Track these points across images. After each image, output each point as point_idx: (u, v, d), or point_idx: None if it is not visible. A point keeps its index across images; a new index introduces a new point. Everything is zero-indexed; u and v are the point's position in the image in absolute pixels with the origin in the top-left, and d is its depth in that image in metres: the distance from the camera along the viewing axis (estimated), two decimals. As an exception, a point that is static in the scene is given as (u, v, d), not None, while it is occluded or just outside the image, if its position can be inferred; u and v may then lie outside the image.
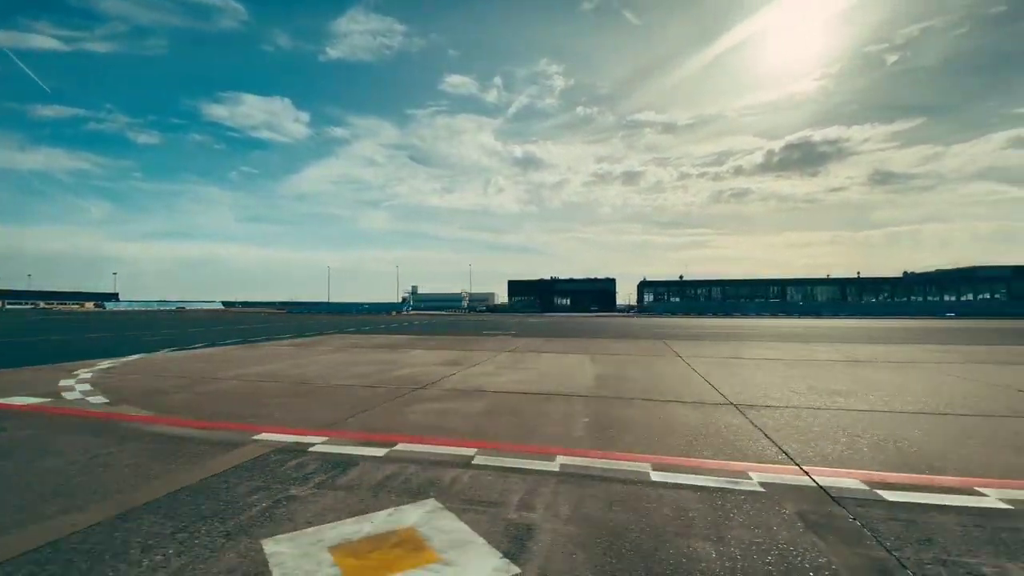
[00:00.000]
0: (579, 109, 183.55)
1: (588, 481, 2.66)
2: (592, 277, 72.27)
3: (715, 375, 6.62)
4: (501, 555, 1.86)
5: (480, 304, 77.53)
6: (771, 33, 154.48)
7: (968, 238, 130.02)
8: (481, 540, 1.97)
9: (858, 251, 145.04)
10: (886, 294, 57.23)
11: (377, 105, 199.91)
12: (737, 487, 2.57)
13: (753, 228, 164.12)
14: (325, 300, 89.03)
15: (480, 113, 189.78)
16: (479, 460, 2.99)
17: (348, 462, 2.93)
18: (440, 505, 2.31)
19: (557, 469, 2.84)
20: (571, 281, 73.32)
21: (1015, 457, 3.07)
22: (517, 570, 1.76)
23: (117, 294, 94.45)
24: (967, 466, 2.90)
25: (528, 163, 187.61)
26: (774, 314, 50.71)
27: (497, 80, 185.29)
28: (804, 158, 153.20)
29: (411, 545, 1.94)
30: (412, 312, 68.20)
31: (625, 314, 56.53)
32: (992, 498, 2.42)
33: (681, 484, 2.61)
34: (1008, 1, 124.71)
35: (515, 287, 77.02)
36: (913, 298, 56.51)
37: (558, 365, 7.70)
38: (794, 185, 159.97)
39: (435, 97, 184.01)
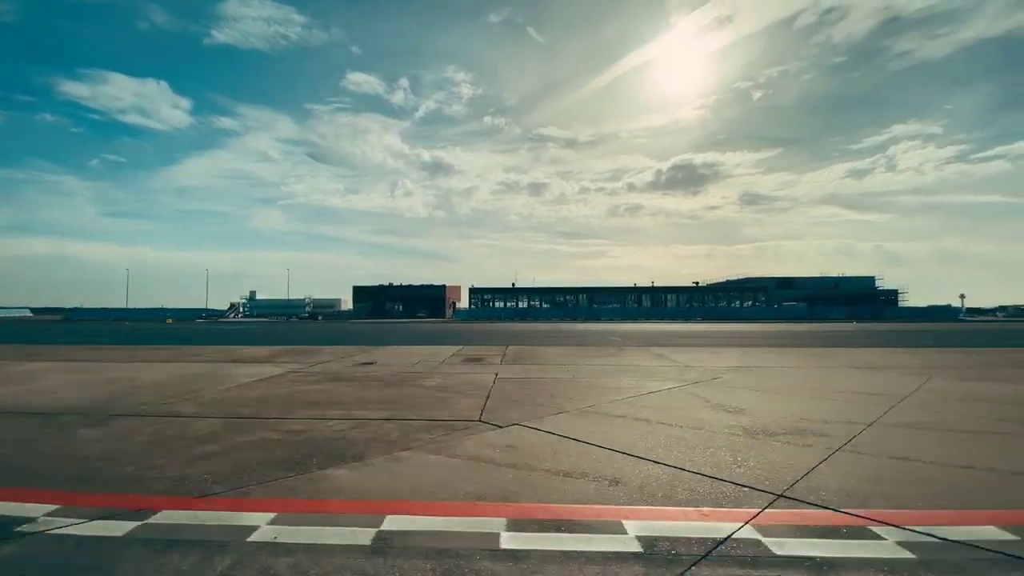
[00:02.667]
0: (487, 118, 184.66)
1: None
2: (426, 284, 71.92)
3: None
4: None
5: (321, 311, 71.25)
6: (660, 63, 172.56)
7: (817, 253, 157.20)
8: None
9: (731, 263, 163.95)
10: (675, 302, 66.27)
11: (272, 97, 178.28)
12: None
13: (645, 240, 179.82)
14: (123, 306, 75.24)
15: (386, 114, 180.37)
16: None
17: None
18: None
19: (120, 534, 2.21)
20: (406, 288, 72.06)
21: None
22: None
23: None
24: None
25: (437, 168, 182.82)
26: (576, 319, 55.33)
27: (404, 82, 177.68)
28: (687, 178, 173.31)
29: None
30: (235, 319, 60.87)
31: (444, 320, 56.75)
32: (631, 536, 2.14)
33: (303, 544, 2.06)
34: (847, 53, 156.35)
35: (359, 293, 73.23)
36: (696, 304, 66.24)
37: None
38: (678, 202, 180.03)
39: (337, 93, 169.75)
